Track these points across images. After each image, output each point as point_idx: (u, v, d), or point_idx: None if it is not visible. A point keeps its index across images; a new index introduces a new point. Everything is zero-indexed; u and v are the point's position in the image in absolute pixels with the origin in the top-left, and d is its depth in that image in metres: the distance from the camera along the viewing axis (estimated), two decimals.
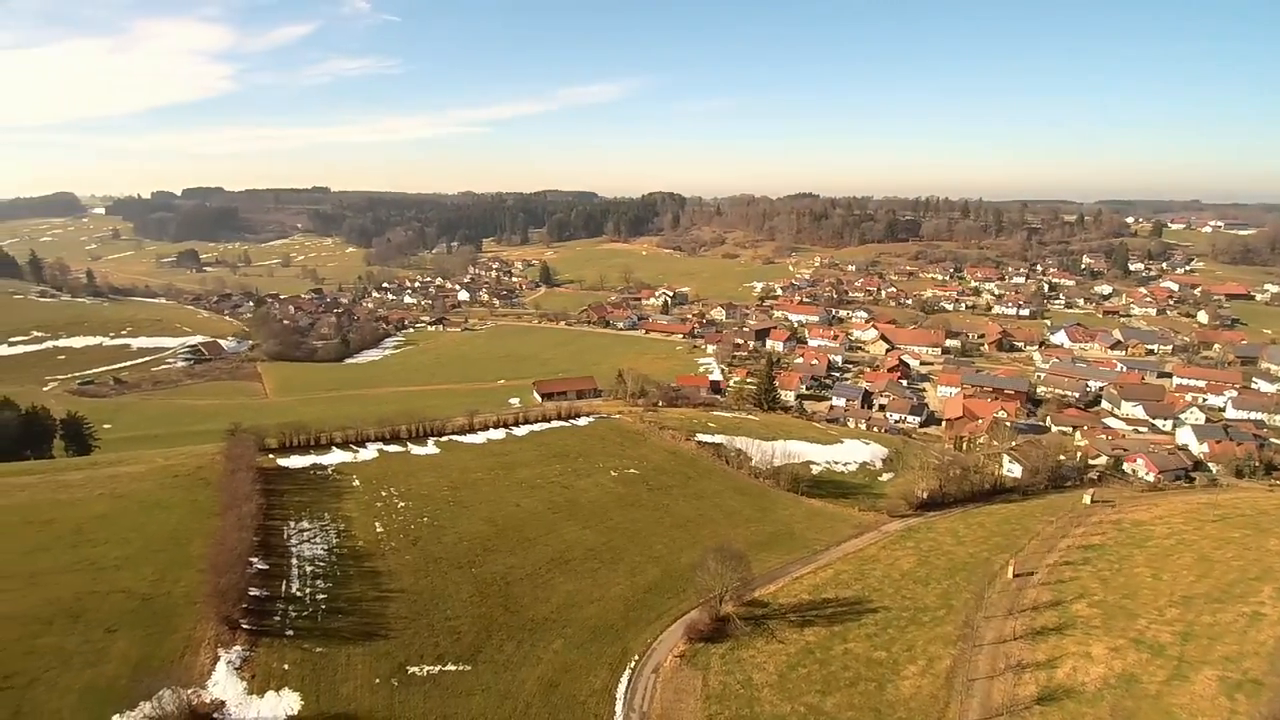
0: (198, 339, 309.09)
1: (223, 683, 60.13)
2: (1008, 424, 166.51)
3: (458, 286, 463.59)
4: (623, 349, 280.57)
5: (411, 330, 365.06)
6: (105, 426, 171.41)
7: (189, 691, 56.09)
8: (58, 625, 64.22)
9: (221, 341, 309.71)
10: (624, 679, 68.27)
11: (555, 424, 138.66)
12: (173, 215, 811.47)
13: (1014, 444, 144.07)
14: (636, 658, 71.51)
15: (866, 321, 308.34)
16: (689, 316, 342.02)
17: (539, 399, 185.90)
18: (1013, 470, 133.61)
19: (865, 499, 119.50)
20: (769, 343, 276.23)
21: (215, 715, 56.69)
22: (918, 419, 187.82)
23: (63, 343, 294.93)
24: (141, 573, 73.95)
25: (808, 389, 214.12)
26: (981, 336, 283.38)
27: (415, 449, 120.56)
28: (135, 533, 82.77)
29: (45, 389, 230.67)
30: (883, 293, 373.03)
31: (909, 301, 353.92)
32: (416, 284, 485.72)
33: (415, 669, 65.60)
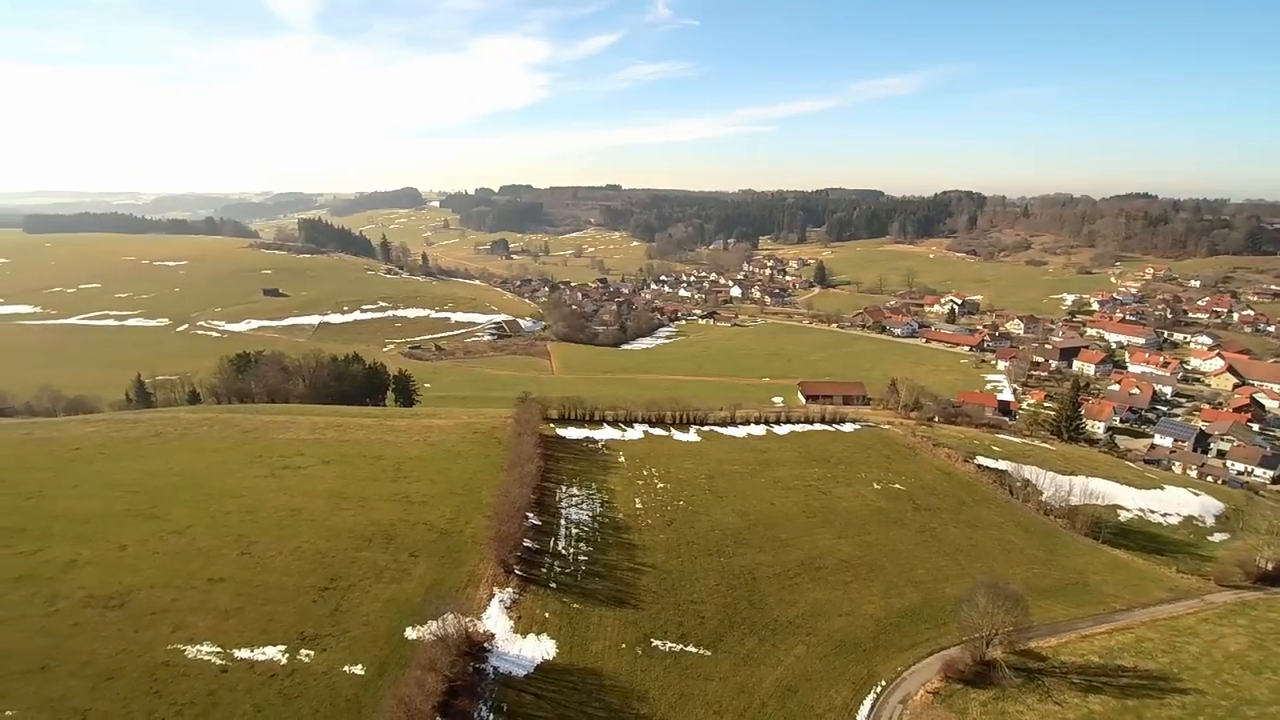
0: (502, 317, 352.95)
1: (494, 618, 67.15)
2: None
3: (731, 282, 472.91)
4: (897, 356, 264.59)
5: (683, 322, 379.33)
6: (426, 385, 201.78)
7: (467, 620, 63.39)
8: (375, 544, 76.73)
9: (520, 321, 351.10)
10: (867, 702, 64.00)
11: (818, 427, 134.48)
12: (490, 209, 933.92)
13: None
14: (884, 683, 66.66)
15: (1210, 349, 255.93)
16: (978, 327, 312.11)
17: (803, 400, 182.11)
18: None
19: (1187, 559, 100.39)
20: (1076, 364, 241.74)
21: (485, 645, 63.44)
22: (1269, 472, 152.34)
23: (400, 313, 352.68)
24: (441, 510, 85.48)
25: (1122, 421, 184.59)
26: None
27: (677, 434, 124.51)
28: (440, 476, 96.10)
29: (384, 349, 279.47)
30: (1235, 315, 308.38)
31: (1270, 329, 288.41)
32: (692, 278, 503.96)
33: (659, 643, 67.52)
